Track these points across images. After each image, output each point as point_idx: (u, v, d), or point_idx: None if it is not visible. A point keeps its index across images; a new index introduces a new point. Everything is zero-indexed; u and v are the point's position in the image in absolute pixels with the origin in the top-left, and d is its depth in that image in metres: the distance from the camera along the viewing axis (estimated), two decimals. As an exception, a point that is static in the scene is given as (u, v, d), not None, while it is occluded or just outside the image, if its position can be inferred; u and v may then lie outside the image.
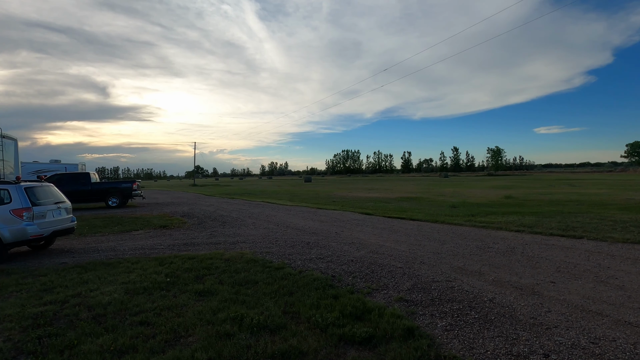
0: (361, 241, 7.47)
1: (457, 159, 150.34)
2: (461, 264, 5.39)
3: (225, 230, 9.67)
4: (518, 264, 5.34)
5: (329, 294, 4.15)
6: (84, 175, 17.13)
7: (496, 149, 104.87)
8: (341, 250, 6.63)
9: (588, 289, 4.19)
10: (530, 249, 6.44)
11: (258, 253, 6.59)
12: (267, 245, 7.36)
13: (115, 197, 17.23)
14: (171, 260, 6.17)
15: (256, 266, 5.54)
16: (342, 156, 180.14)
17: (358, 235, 8.27)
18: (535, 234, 8.03)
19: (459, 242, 7.15)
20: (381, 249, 6.66)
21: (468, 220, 10.50)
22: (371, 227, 9.44)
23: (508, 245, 6.76)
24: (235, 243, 7.75)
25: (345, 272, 5.16)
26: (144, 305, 3.96)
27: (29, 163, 33.60)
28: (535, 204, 15.26)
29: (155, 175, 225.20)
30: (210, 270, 5.46)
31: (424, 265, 5.39)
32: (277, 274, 5.03)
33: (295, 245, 7.17)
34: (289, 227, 9.73)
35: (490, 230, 8.71)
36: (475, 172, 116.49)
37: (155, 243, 8.02)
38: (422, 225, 9.89)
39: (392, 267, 5.28)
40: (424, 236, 7.95)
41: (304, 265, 5.57)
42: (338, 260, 5.81)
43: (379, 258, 5.89)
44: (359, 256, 6.07)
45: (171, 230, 10.06)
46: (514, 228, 8.78)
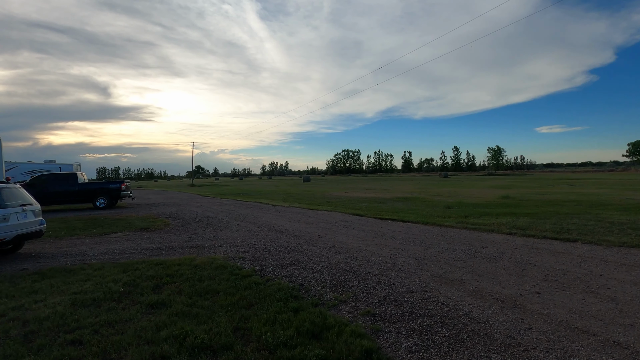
0: (342, 245, 7.09)
1: (457, 159, 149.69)
2: (442, 271, 5.01)
3: (206, 233, 9.30)
4: (504, 272, 4.96)
5: (290, 307, 3.77)
6: (71, 175, 16.78)
7: (496, 149, 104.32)
8: (319, 255, 6.25)
9: (576, 301, 3.81)
10: (519, 253, 6.05)
11: (231, 258, 6.22)
12: (243, 249, 6.99)
13: (103, 197, 16.87)
14: (137, 266, 5.80)
15: (223, 273, 5.17)
16: (343, 156, 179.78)
17: (341, 238, 7.89)
18: (527, 237, 7.64)
19: (445, 246, 6.77)
20: (362, 253, 6.28)
21: (460, 221, 10.11)
22: (357, 230, 9.06)
23: (497, 250, 6.37)
24: (211, 247, 7.38)
25: (316, 280, 4.78)
26: (84, 321, 3.59)
27: (23, 163, 33.33)
28: (533, 204, 14.85)
29: (156, 175, 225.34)
30: (174, 278, 5.09)
31: (402, 272, 5.01)
32: (242, 283, 4.66)
33: (272, 250, 6.79)
34: (272, 230, 9.36)
35: (481, 233, 8.32)
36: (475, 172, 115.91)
37: (129, 247, 7.66)
38: (412, 227, 9.50)
39: (367, 275, 4.90)
40: (410, 239, 7.57)
41: (275, 273, 5.20)
42: (312, 267, 5.43)
43: (356, 264, 5.51)
44: (335, 262, 5.69)
45: (151, 232, 9.70)
46: (506, 230, 8.39)
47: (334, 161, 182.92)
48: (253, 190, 34.11)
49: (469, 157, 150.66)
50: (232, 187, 43.95)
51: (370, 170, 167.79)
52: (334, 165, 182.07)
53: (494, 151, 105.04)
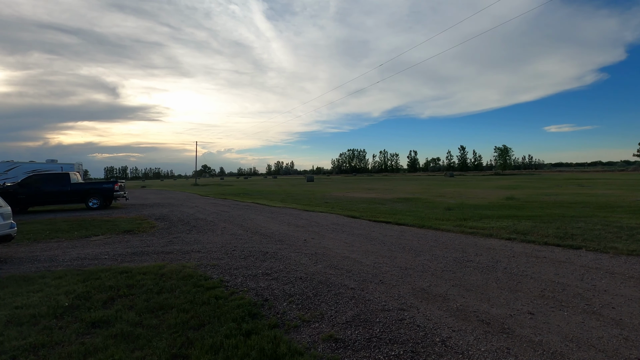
0: (326, 252, 6.60)
1: (464, 158, 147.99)
2: (426, 285, 4.50)
3: (189, 236, 8.88)
4: (495, 285, 4.43)
5: (243, 329, 3.30)
6: (63, 175, 16.51)
7: (503, 148, 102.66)
8: (297, 263, 5.77)
9: (574, 325, 3.28)
10: (516, 263, 5.51)
11: (202, 266, 5.77)
12: (220, 255, 6.54)
13: (96, 198, 16.58)
14: (100, 275, 5.39)
15: (187, 285, 4.72)
16: (348, 155, 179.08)
17: (327, 243, 7.41)
18: (527, 243, 7.08)
19: (436, 254, 6.24)
20: (343, 262, 5.79)
21: (458, 225, 9.57)
22: (347, 234, 8.57)
23: (491, 258, 5.83)
24: (188, 252, 6.95)
25: (284, 294, 4.30)
26: (8, 344, 3.16)
27: (25, 163, 33.40)
28: (537, 206, 14.22)
29: (163, 174, 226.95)
30: (133, 289, 4.66)
31: (382, 285, 4.51)
32: (202, 297, 4.20)
33: (250, 257, 6.33)
34: (258, 233, 8.90)
35: (478, 238, 7.78)
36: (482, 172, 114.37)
37: (103, 252, 7.26)
38: (406, 231, 8.98)
39: (342, 288, 4.41)
40: (400, 245, 7.05)
41: (243, 284, 4.73)
42: (285, 278, 4.96)
43: (333, 275, 5.02)
44: (312, 272, 5.21)
45: (133, 235, 9.30)
46: (505, 235, 7.83)
47: (340, 161, 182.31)
48: (254, 190, 33.75)
49: (475, 157, 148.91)
50: (235, 187, 43.66)
51: (376, 170, 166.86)
52: (340, 164, 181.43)
53: (501, 151, 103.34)
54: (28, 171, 29.10)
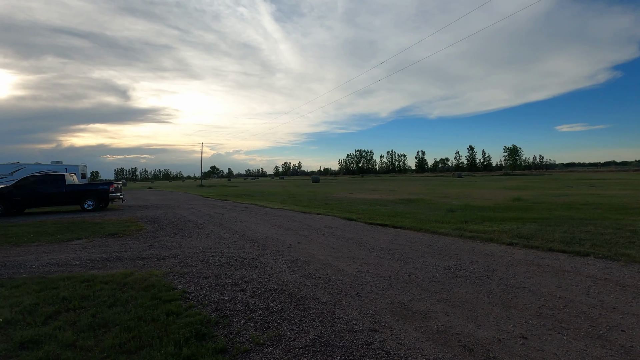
0: (308, 258, 6.12)
1: (473, 159, 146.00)
2: (408, 299, 3.98)
3: (172, 240, 8.48)
4: (486, 300, 3.89)
5: (183, 354, 2.84)
6: (59, 177, 16.30)
7: (513, 148, 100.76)
8: (272, 272, 5.30)
9: (575, 354, 2.74)
10: (514, 272, 4.95)
11: (171, 274, 5.33)
12: (194, 262, 6.10)
13: (91, 199, 16.34)
14: (58, 284, 4.99)
15: (145, 297, 4.28)
16: (355, 156, 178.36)
17: (313, 249, 6.92)
18: (529, 249, 6.50)
19: (427, 261, 5.71)
20: (323, 270, 5.30)
21: (458, 228, 9.00)
22: (337, 238, 8.06)
23: (487, 267, 5.28)
24: (164, 258, 6.53)
25: (246, 309, 3.83)
26: None
27: (30, 164, 33.64)
28: (545, 207, 13.52)
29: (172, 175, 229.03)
30: (86, 301, 4.24)
31: (358, 299, 4.01)
32: (154, 312, 3.75)
33: (225, 264, 5.87)
34: (244, 237, 8.46)
35: (476, 243, 7.21)
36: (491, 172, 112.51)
37: (77, 257, 6.89)
38: (400, 234, 8.44)
39: (312, 303, 3.92)
40: (391, 251, 6.53)
41: (205, 297, 4.28)
42: (254, 289, 4.48)
43: (307, 286, 4.53)
44: (285, 282, 4.73)
45: (116, 238, 8.94)
46: (506, 240, 7.25)
47: (347, 161, 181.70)
48: (257, 192, 33.42)
49: (484, 157, 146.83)
50: (239, 188, 43.44)
51: (383, 170, 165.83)
52: (347, 165, 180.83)
53: (511, 150, 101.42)
54: (34, 172, 29.26)
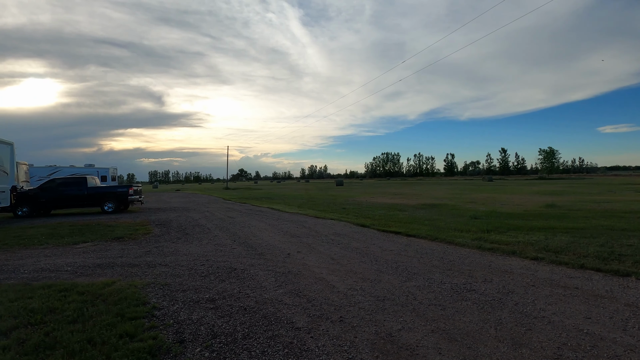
0: (302, 270, 5.60)
1: (505, 162, 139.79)
2: (398, 327, 3.37)
3: (172, 245, 8.22)
4: (493, 334, 3.21)
5: (109, 392, 2.41)
6: (81, 179, 16.75)
7: (549, 150, 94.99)
8: (257, 286, 4.82)
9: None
10: (533, 296, 4.19)
11: (152, 285, 4.98)
12: (181, 272, 5.74)
13: (111, 202, 16.65)
14: (35, 293, 4.75)
15: (111, 313, 3.92)
16: (382, 159, 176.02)
17: (311, 259, 6.39)
18: (557, 265, 5.65)
19: (433, 278, 5.03)
20: (313, 286, 4.76)
21: (478, 238, 8.18)
22: (342, 247, 7.49)
23: (503, 287, 4.54)
24: (154, 266, 6.23)
25: (209, 333, 3.36)
26: None
27: (66, 167, 35.37)
28: (582, 215, 12.28)
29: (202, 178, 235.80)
30: (51, 314, 3.94)
31: (338, 326, 3.44)
32: (107, 334, 3.37)
33: (211, 275, 5.47)
34: (244, 244, 8.06)
35: (496, 256, 6.42)
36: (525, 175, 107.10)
37: (73, 262, 6.74)
38: (412, 244, 7.75)
39: (284, 328, 3.40)
40: (395, 264, 5.89)
41: (174, 315, 3.86)
42: (228, 307, 4.02)
43: (286, 306, 4.01)
44: (265, 299, 4.24)
45: (120, 242, 8.82)
46: (531, 253, 6.40)
47: (373, 164, 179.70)
48: (279, 195, 33.31)
49: (518, 160, 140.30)
50: (262, 191, 43.65)
51: (411, 174, 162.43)
52: (374, 168, 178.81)
53: (547, 153, 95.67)
54: (69, 175, 30.66)
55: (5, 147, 14.95)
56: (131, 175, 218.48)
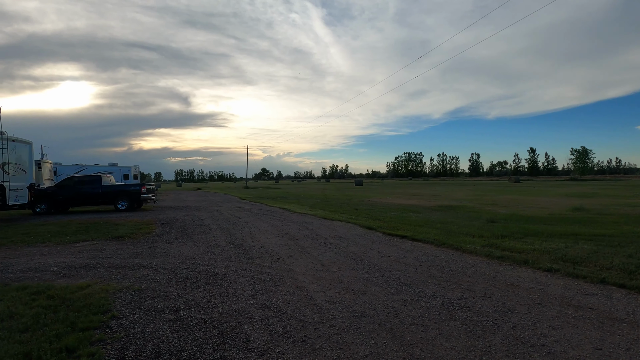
0: (284, 278, 5.20)
1: (534, 162, 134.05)
2: (365, 353, 2.89)
3: (165, 246, 8.04)
4: (478, 365, 2.70)
5: None
6: (96, 178, 17.07)
7: (582, 150, 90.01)
8: (230, 295, 4.46)
9: None
10: (536, 317, 3.61)
11: (125, 290, 4.73)
12: (161, 275, 5.48)
13: (124, 200, 16.88)
14: (6, 295, 4.60)
15: (64, 323, 3.65)
16: (404, 159, 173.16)
17: (299, 265, 5.99)
18: (573, 279, 4.99)
19: (425, 291, 4.51)
20: (289, 297, 4.35)
21: (488, 244, 7.53)
22: (337, 252, 7.05)
23: (503, 305, 3.97)
24: (138, 268, 6.01)
25: (154, 352, 3.02)
26: None
27: (91, 166, 36.61)
28: (612, 220, 11.27)
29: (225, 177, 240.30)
30: (7, 321, 3.73)
31: (298, 348, 3.01)
32: (47, 348, 3.10)
33: (189, 280, 5.17)
34: (238, 246, 7.77)
35: (504, 266, 5.79)
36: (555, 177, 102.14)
37: (61, 262, 6.64)
38: (415, 250, 7.20)
39: (235, 349, 3.01)
40: (388, 274, 5.39)
41: (128, 327, 3.56)
42: (189, 319, 3.68)
43: (250, 320, 3.62)
44: (230, 311, 3.87)
45: (119, 242, 8.73)
46: (545, 264, 5.73)
47: (395, 164, 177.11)
48: (295, 194, 33.14)
49: (548, 160, 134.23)
50: (280, 191, 43.67)
51: (434, 174, 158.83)
52: (396, 168, 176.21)
53: (579, 153, 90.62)
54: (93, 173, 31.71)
55: (24, 147, 15.40)
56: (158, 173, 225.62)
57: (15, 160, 14.50)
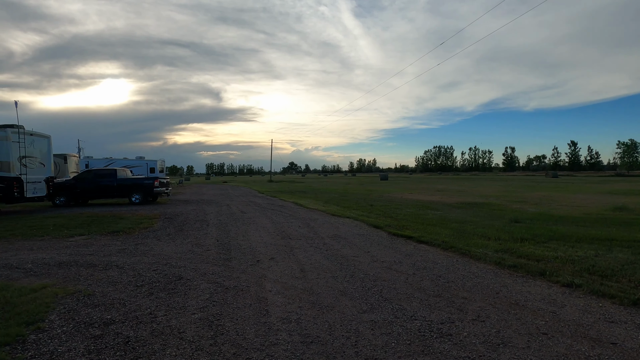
0: (250, 286, 4.62)
1: (575, 156, 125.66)
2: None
3: (152, 243, 7.70)
4: None
5: None
6: (112, 171, 17.30)
7: (631, 143, 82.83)
8: (178, 306, 3.93)
9: None
10: (537, 356, 2.80)
11: (76, 295, 4.33)
12: (125, 278, 5.06)
13: (138, 193, 17.00)
14: (-45, 296, 4.35)
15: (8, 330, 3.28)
16: (434, 153, 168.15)
17: (273, 271, 5.39)
18: (598, 298, 4.06)
19: (405, 310, 3.77)
20: (243, 311, 3.76)
21: (503, 249, 6.60)
22: (325, 255, 6.39)
23: (496, 333, 3.17)
24: (110, 268, 5.64)
25: (47, 379, 2.54)
26: None
27: (119, 159, 37.84)
28: (659, 222, 9.82)
29: (254, 170, 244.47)
30: None
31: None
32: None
33: (149, 285, 4.70)
34: (225, 245, 7.29)
35: (515, 278, 4.91)
36: (599, 172, 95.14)
37: (41, 258, 6.42)
38: (416, 254, 6.41)
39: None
40: (371, 284, 4.67)
41: (45, 343, 3.10)
42: (113, 337, 3.17)
43: (179, 342, 3.05)
44: (163, 330, 3.32)
45: (112, 237, 8.52)
46: (566, 277, 4.80)
47: (424, 158, 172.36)
48: (315, 189, 32.64)
49: (591, 154, 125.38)
50: (302, 185, 43.35)
51: (466, 168, 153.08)
52: (425, 162, 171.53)
53: (627, 146, 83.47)
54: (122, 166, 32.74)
55: (43, 140, 15.79)
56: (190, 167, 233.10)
57: (33, 154, 14.87)
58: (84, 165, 33.40)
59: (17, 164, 14.02)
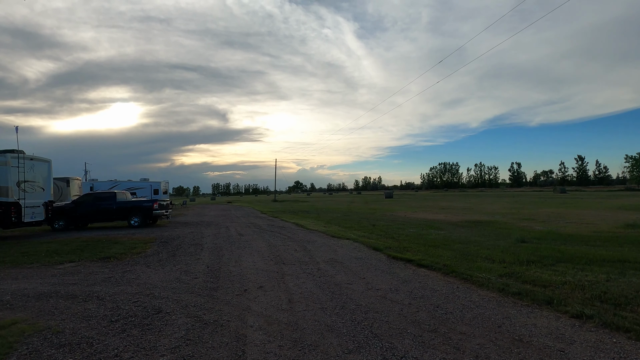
0: (230, 321, 4.29)
1: (583, 170, 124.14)
2: None
3: (140, 271, 7.41)
4: None
5: None
6: (111, 194, 17.20)
7: (639, 157, 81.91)
8: (146, 346, 3.61)
9: None
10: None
11: (43, 333, 4.03)
12: (102, 312, 4.75)
13: (137, 216, 16.81)
14: None
15: None
16: (439, 170, 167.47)
17: (259, 303, 5.05)
18: (611, 332, 3.66)
19: (394, 349, 3.41)
20: (215, 352, 3.43)
21: (508, 274, 6.22)
22: (318, 283, 6.05)
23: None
24: (90, 299, 5.35)
25: None
26: None
27: (124, 182, 37.97)
28: (674, 241, 9.34)
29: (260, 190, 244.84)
30: None
31: None
32: None
33: (122, 320, 4.39)
34: (215, 273, 6.96)
35: (519, 308, 4.52)
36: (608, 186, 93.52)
37: (23, 288, 6.15)
38: (413, 280, 6.04)
39: None
40: (363, 316, 4.32)
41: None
42: (68, 386, 2.87)
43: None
44: None
45: (102, 263, 8.25)
46: (575, 306, 4.40)
47: (430, 175, 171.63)
48: (318, 208, 32.30)
49: (599, 168, 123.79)
50: (305, 204, 43.00)
51: (471, 184, 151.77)
52: (431, 179, 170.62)
53: (635, 160, 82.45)
54: (126, 188, 32.78)
55: (44, 165, 15.80)
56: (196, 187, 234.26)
57: (32, 178, 14.83)
58: (89, 188, 33.50)
59: (16, 188, 13.96)
